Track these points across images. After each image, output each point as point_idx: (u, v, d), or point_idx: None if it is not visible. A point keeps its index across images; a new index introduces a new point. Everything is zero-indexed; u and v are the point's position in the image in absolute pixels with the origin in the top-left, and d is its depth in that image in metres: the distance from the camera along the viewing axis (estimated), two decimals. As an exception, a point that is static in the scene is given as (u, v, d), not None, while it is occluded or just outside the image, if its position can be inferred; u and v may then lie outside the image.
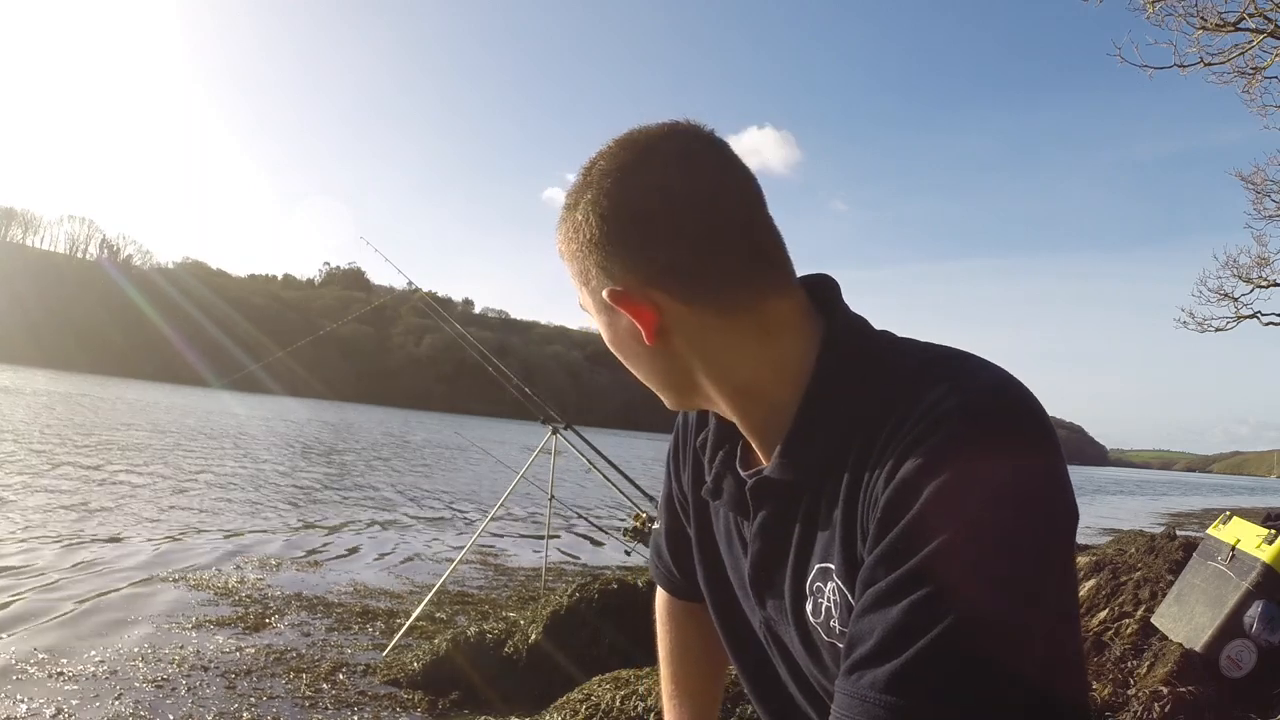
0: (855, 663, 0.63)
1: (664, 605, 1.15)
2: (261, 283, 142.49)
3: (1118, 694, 2.93)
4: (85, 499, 9.42)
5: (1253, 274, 13.86)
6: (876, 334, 0.79)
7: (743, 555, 0.85)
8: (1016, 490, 0.63)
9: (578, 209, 0.75)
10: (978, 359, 0.72)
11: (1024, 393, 0.68)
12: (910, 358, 0.74)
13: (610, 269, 0.74)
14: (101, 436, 17.90)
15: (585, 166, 0.76)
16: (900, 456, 0.66)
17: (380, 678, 4.42)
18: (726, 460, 0.87)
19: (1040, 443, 0.65)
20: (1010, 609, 0.60)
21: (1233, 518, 3.35)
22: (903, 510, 0.64)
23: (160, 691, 3.94)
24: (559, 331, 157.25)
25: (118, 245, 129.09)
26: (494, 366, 6.20)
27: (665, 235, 0.72)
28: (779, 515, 0.80)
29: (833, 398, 0.74)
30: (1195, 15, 9.93)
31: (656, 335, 0.75)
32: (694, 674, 1.11)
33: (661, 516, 1.09)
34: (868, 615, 0.64)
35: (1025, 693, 0.60)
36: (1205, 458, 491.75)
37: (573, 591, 4.65)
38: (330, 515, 10.52)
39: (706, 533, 0.96)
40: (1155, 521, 21.39)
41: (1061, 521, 0.65)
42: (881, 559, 0.64)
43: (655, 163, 0.73)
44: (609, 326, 0.78)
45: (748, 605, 0.89)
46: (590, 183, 0.75)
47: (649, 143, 0.74)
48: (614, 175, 0.73)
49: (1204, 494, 55.85)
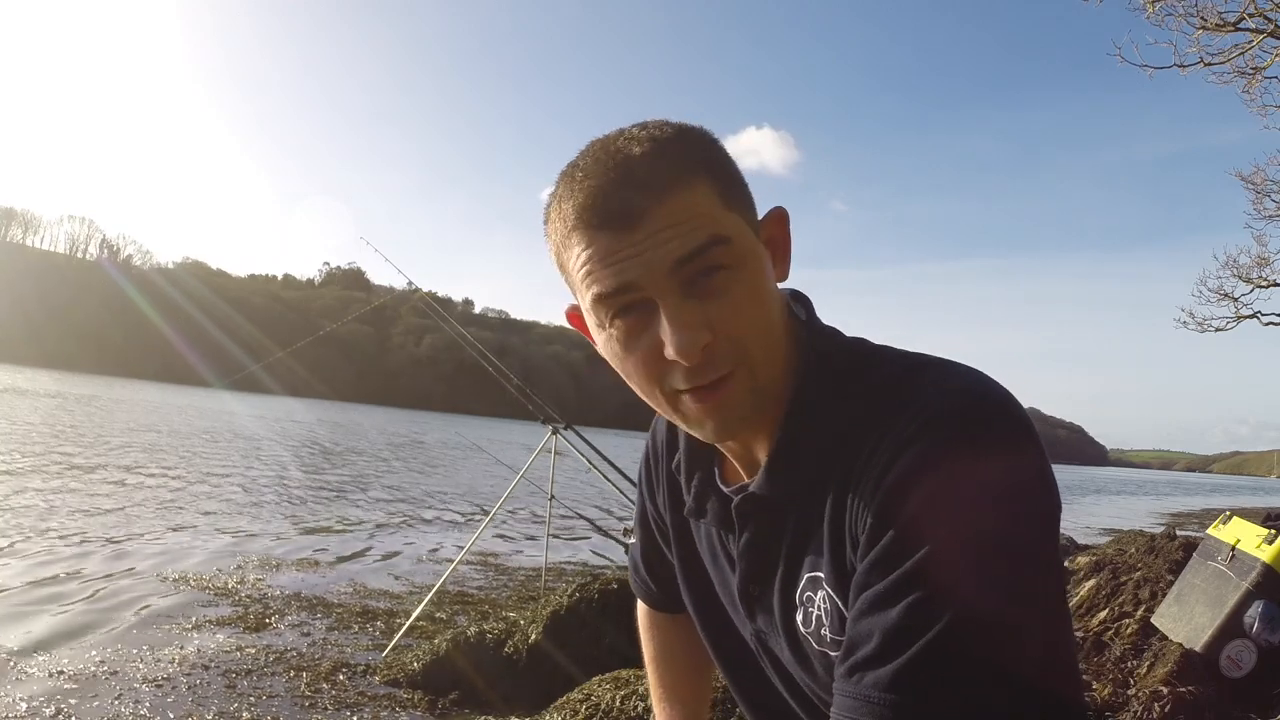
0: (855, 664, 0.64)
1: (645, 615, 1.17)
2: (261, 283, 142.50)
3: (1118, 694, 2.92)
4: (86, 499, 9.41)
5: (1253, 274, 13.88)
6: (852, 344, 0.80)
7: (731, 571, 0.86)
8: (1005, 489, 0.64)
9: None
10: (955, 364, 0.73)
11: (1004, 394, 0.69)
12: (889, 365, 0.75)
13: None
14: (102, 437, 17.90)
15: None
16: (888, 463, 0.66)
17: (380, 678, 4.42)
18: (706, 479, 0.87)
19: (1024, 441, 0.66)
20: (1007, 606, 0.61)
21: (1233, 518, 3.35)
22: (894, 515, 0.65)
23: (160, 691, 3.94)
24: (559, 331, 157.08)
25: (118, 245, 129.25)
26: (494, 366, 6.20)
27: None
28: (766, 530, 0.80)
29: (816, 411, 0.75)
30: (1195, 15, 9.95)
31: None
32: (681, 680, 1.13)
33: (637, 533, 1.11)
34: (865, 619, 0.64)
35: (1023, 688, 0.60)
36: (1205, 458, 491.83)
37: (573, 591, 4.65)
38: (330, 515, 10.51)
39: (690, 552, 0.96)
40: (1155, 521, 21.38)
41: (1049, 518, 0.66)
42: (876, 564, 0.65)
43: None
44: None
45: (738, 619, 0.89)
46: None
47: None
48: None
49: (1204, 494, 55.81)
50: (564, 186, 0.72)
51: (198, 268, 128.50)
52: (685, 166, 0.69)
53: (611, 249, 0.68)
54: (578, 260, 0.71)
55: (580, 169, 0.71)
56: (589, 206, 0.69)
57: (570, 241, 0.71)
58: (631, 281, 0.68)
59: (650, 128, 0.72)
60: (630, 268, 0.68)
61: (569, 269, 0.73)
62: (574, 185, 0.71)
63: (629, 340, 0.71)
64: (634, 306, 0.70)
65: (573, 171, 0.72)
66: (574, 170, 0.72)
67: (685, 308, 0.68)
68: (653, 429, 1.03)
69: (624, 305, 0.70)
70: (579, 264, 0.71)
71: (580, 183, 0.70)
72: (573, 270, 0.72)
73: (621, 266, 0.68)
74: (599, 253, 0.69)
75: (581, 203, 0.69)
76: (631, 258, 0.68)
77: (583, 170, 0.71)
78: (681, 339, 0.67)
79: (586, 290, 0.71)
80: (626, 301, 0.70)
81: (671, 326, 0.68)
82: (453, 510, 12.49)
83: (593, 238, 0.69)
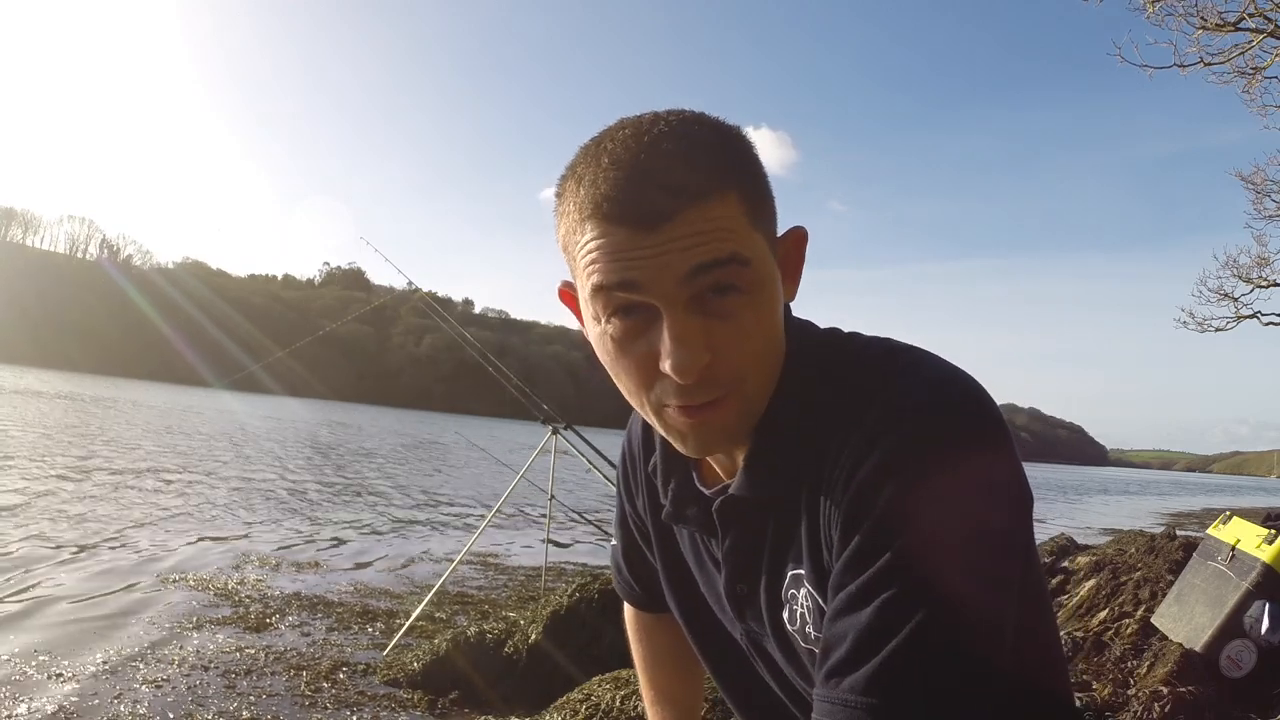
0: (832, 668, 0.63)
1: (633, 617, 1.16)
2: (261, 283, 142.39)
3: (1118, 694, 2.92)
4: (86, 499, 9.41)
5: (1253, 274, 13.89)
6: (825, 337, 0.79)
7: (717, 573, 0.85)
8: (974, 481, 0.63)
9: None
10: (923, 353, 0.72)
11: (971, 384, 0.68)
12: (859, 357, 0.74)
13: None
14: (104, 437, 17.90)
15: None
16: (857, 460, 0.66)
17: (380, 677, 4.42)
18: (684, 482, 0.86)
19: (992, 432, 0.66)
20: (979, 598, 0.61)
21: (1233, 518, 3.35)
22: (864, 512, 0.64)
23: (160, 691, 3.94)
24: (559, 331, 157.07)
25: (118, 245, 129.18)
26: (494, 366, 6.20)
27: None
28: (748, 531, 0.79)
29: (792, 411, 0.74)
30: (1195, 15, 9.96)
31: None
32: (672, 680, 1.12)
33: (617, 534, 1.10)
34: (840, 620, 0.64)
35: (1000, 680, 0.60)
36: (1205, 458, 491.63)
37: (573, 591, 4.65)
38: (330, 515, 10.51)
39: (673, 554, 0.95)
40: (1155, 521, 21.37)
41: (1020, 507, 0.66)
42: (848, 563, 0.65)
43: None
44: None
45: (726, 620, 0.89)
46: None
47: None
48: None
49: (1204, 494, 55.79)
50: (587, 166, 0.67)
51: (197, 267, 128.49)
52: (720, 174, 0.65)
53: (625, 246, 0.64)
54: (585, 247, 0.67)
55: (608, 153, 0.66)
56: (611, 198, 0.64)
57: (584, 226, 0.67)
58: (638, 282, 0.65)
59: (688, 122, 0.68)
60: (641, 268, 0.64)
61: (574, 251, 0.69)
62: (599, 169, 0.66)
63: (625, 342, 0.69)
64: (635, 309, 0.67)
65: (599, 153, 0.67)
66: (600, 152, 0.67)
67: (690, 324, 0.65)
68: (629, 429, 1.01)
69: (624, 304, 0.67)
70: (585, 250, 0.67)
71: (606, 169, 0.65)
72: (578, 255, 0.68)
73: (631, 264, 0.64)
74: (610, 246, 0.65)
75: (604, 192, 0.65)
76: (645, 259, 0.64)
77: (610, 156, 0.66)
78: (680, 356, 0.64)
79: (588, 278, 0.67)
80: (628, 302, 0.66)
81: (673, 341, 0.65)
82: (453, 510, 12.49)
83: (608, 230, 0.65)
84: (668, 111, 0.70)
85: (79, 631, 4.75)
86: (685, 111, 0.70)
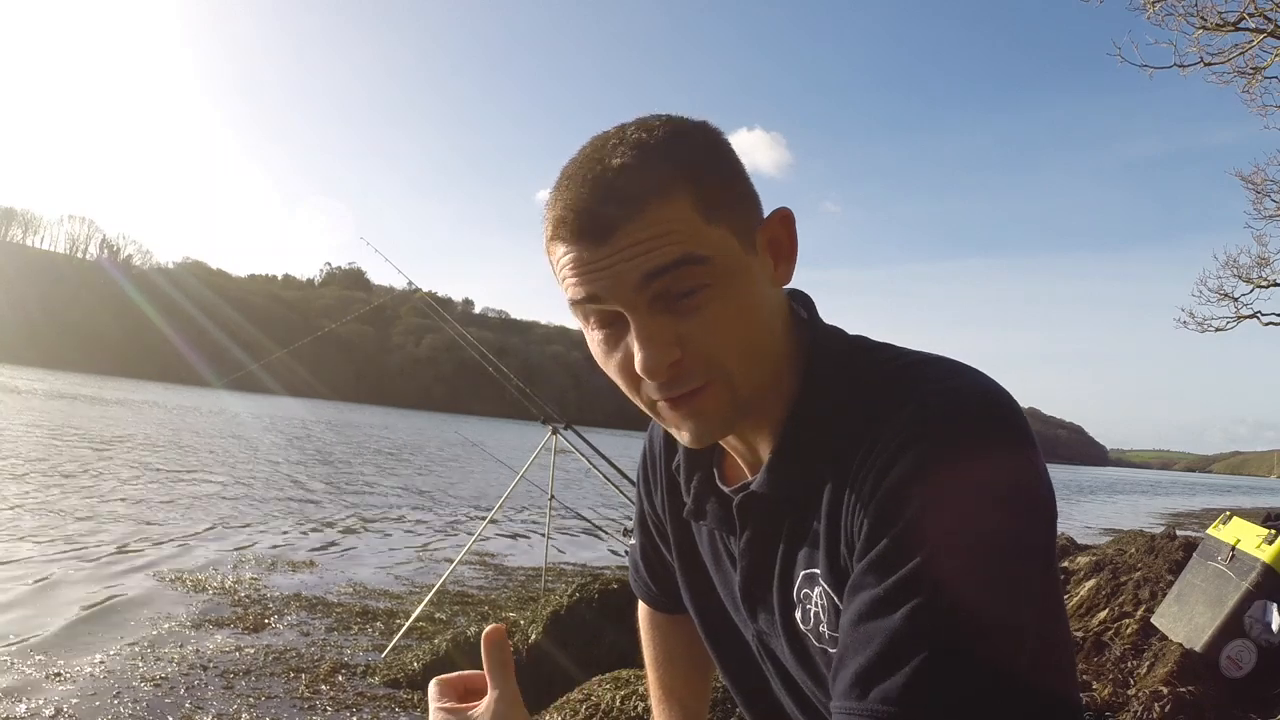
0: (858, 674, 0.63)
1: (646, 616, 1.17)
2: (261, 283, 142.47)
3: (1118, 694, 2.92)
4: (86, 499, 9.41)
5: (1253, 274, 13.88)
6: (854, 342, 0.80)
7: (733, 571, 0.86)
8: (1003, 490, 0.64)
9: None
10: (953, 362, 0.73)
11: (1001, 393, 0.69)
12: (889, 364, 0.75)
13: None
14: (103, 437, 17.90)
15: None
16: (887, 463, 0.66)
17: (380, 678, 4.42)
18: (706, 480, 0.87)
19: (1020, 441, 0.66)
20: (1009, 608, 0.61)
21: (1233, 518, 3.35)
22: (893, 516, 0.64)
23: (160, 691, 3.94)
24: (559, 331, 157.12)
25: (118, 245, 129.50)
26: (494, 366, 6.20)
27: None
28: (766, 529, 0.80)
29: (818, 411, 0.75)
30: (1195, 15, 9.96)
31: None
32: (681, 681, 1.13)
33: (636, 534, 1.11)
34: (865, 623, 0.63)
35: (1027, 690, 0.60)
36: (1205, 458, 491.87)
37: (573, 591, 4.65)
38: (330, 515, 10.51)
39: (690, 553, 0.96)
40: (1155, 521, 21.38)
41: (1046, 517, 0.66)
42: (873, 565, 0.64)
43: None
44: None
45: (739, 620, 0.89)
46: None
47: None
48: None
49: (1204, 494, 55.82)
50: (555, 186, 0.73)
51: (198, 267, 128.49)
52: (665, 178, 0.67)
53: (584, 260, 0.68)
54: (558, 264, 0.71)
55: (565, 173, 0.71)
56: (565, 218, 0.69)
57: (554, 245, 0.71)
58: (599, 294, 0.68)
59: (642, 129, 0.71)
60: (598, 281, 0.68)
61: (553, 268, 0.74)
62: (559, 189, 0.71)
63: (608, 348, 0.72)
64: (609, 316, 0.70)
65: (562, 174, 0.72)
66: (563, 172, 0.72)
67: (654, 324, 0.68)
68: (650, 429, 1.02)
69: (598, 314, 0.71)
70: (558, 267, 0.71)
71: (563, 189, 0.70)
72: (555, 271, 0.73)
73: (591, 278, 0.68)
74: (572, 261, 0.69)
75: (559, 213, 0.69)
76: (600, 271, 0.67)
77: (566, 175, 0.71)
78: (646, 356, 0.67)
79: (565, 293, 0.72)
80: (599, 311, 0.70)
81: (639, 343, 0.68)
82: (453, 510, 12.49)
83: (568, 246, 0.69)
84: (636, 120, 0.73)
85: (79, 631, 4.76)
86: (651, 118, 0.73)
